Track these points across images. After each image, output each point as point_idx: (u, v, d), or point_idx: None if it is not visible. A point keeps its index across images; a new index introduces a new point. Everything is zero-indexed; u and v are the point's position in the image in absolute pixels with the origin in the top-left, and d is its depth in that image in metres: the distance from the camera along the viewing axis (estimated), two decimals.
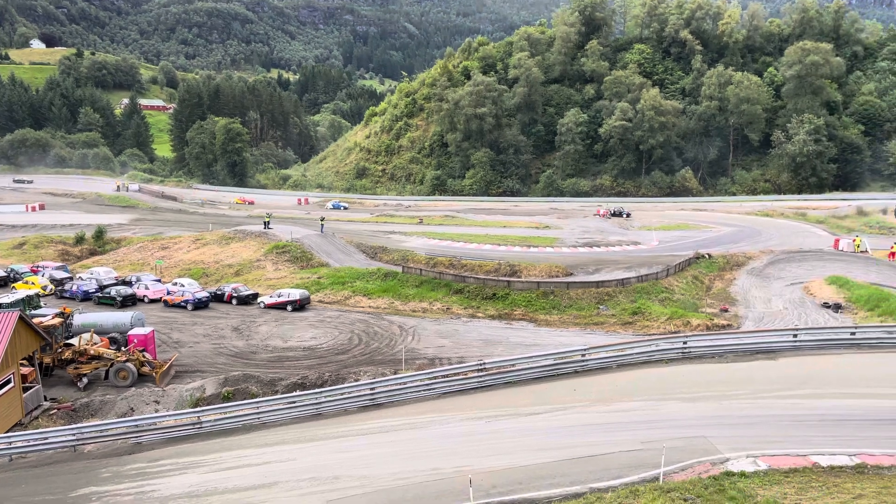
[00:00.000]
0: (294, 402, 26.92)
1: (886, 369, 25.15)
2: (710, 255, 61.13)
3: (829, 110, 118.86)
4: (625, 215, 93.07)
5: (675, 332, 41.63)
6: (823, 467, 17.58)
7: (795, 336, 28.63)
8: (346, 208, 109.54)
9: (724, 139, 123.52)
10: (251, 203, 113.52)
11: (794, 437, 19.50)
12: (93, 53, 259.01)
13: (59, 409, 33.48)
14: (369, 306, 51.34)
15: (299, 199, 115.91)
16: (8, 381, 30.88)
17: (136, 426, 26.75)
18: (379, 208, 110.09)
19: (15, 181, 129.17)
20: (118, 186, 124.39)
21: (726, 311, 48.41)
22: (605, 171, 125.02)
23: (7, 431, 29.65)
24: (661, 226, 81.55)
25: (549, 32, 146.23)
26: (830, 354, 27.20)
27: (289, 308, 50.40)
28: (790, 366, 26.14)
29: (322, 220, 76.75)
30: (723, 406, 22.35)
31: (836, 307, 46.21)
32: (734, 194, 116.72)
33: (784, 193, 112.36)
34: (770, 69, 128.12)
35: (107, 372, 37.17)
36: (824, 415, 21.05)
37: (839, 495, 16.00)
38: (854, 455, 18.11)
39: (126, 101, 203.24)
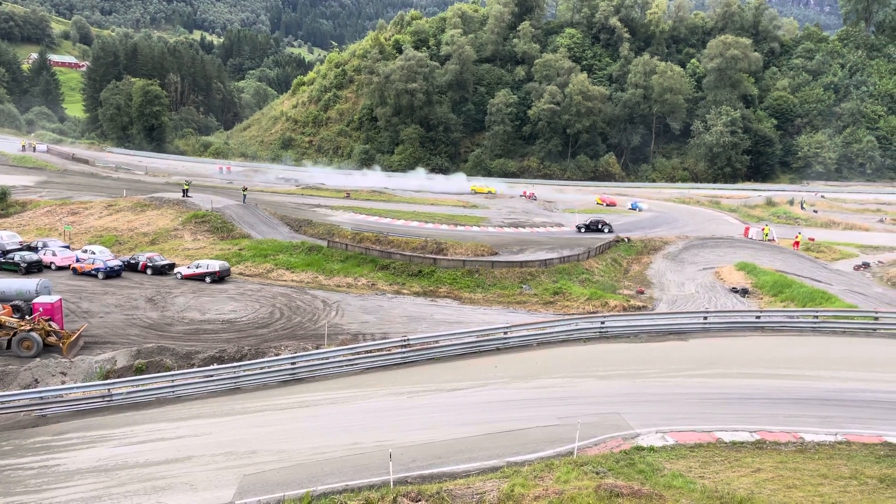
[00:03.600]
0: (211, 376, 26.26)
1: (787, 351, 26.71)
2: (629, 239, 63.10)
3: (746, 103, 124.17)
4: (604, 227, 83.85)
5: (593, 313, 42.90)
6: (726, 443, 18.55)
7: (705, 318, 30.01)
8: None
9: (647, 127, 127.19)
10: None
11: (700, 414, 20.49)
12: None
13: None
14: (292, 280, 50.49)
15: (221, 167, 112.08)
16: None
17: (41, 398, 25.48)
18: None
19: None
20: (24, 146, 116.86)
21: (642, 293, 50.17)
22: (533, 153, 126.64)
23: None
24: (584, 209, 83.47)
25: (483, 11, 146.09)
26: (737, 336, 28.68)
27: (207, 280, 48.96)
28: (700, 347, 27.40)
29: (244, 189, 74.66)
30: (636, 384, 23.22)
31: (744, 292, 48.63)
32: (654, 181, 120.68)
33: (701, 182, 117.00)
34: (693, 60, 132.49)
35: (9, 341, 35.22)
36: (729, 394, 22.19)
37: (739, 469, 16.94)
38: (754, 431, 19.19)
39: (35, 55, 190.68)
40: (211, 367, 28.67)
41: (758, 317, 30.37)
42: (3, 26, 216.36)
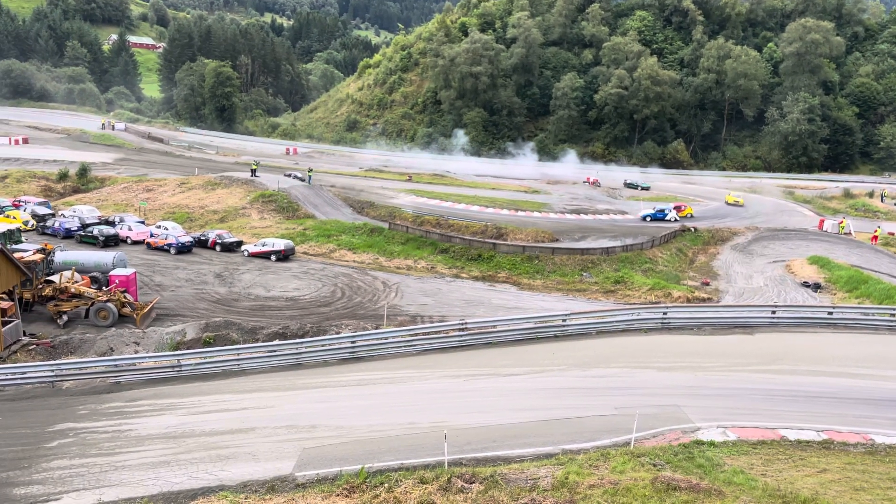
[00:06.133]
0: (274, 351, 27.04)
1: (860, 349, 25.64)
2: (695, 229, 61.49)
3: (825, 90, 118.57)
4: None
5: (656, 303, 42.08)
6: (791, 441, 18.00)
7: (774, 313, 29.07)
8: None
9: (718, 113, 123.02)
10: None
11: (764, 411, 19.93)
12: None
13: (38, 345, 33.43)
14: (354, 261, 51.29)
15: (288, 149, 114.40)
16: None
17: (116, 366, 26.78)
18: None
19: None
20: (104, 124, 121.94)
21: (708, 284, 48.90)
22: (598, 138, 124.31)
23: None
24: (650, 197, 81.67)
25: None
26: (807, 332, 27.68)
27: (273, 258, 50.22)
28: (766, 341, 26.57)
29: (310, 170, 76.06)
30: (697, 377, 22.73)
31: (816, 287, 46.82)
32: (724, 169, 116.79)
33: (774, 171, 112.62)
34: (770, 45, 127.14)
35: (87, 311, 37.06)
36: (796, 391, 21.48)
37: (804, 468, 16.42)
38: (822, 431, 18.55)
39: (115, 37, 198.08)
40: (274, 342, 29.54)
41: (830, 312, 29.22)
42: (86, 8, 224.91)
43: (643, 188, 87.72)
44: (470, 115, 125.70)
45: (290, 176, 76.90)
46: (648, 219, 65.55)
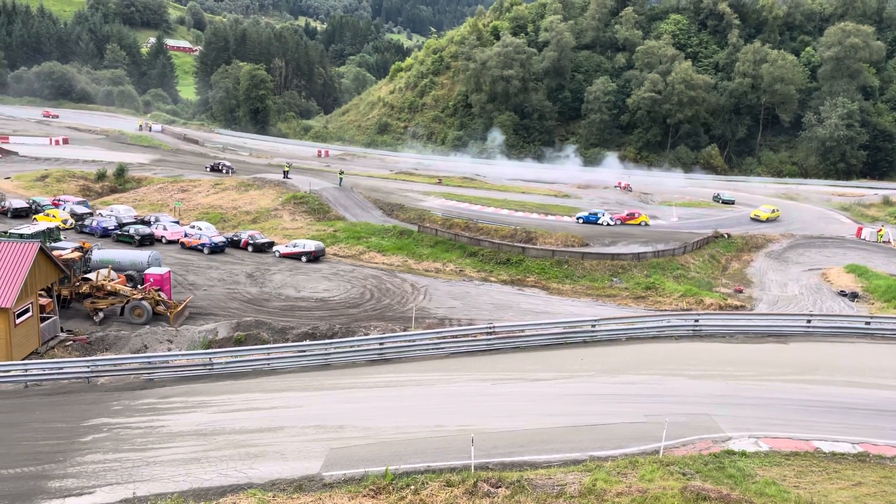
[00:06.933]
0: (304, 351, 27.30)
1: None
2: (729, 235, 60.58)
3: (865, 95, 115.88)
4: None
5: (687, 310, 41.53)
6: (825, 453, 17.62)
7: (809, 322, 28.49)
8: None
9: (753, 118, 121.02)
10: None
11: (798, 422, 19.54)
12: None
13: (74, 341, 34.20)
14: (383, 263, 51.54)
15: (319, 151, 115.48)
16: (27, 311, 31.52)
17: (149, 363, 27.28)
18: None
19: None
20: (141, 126, 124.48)
21: (741, 292, 48.14)
22: (630, 142, 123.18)
23: (24, 359, 30.39)
24: (682, 202, 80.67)
25: None
26: (843, 342, 27.07)
27: (303, 259, 50.69)
28: (801, 351, 26.06)
29: (341, 173, 76.62)
30: (729, 386, 22.37)
31: (853, 296, 45.81)
32: (759, 175, 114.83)
33: (810, 177, 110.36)
34: (808, 49, 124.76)
35: (122, 308, 37.80)
36: (831, 402, 21.02)
37: (839, 481, 16.06)
38: (857, 443, 18.13)
39: (153, 40, 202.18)
40: (304, 342, 29.83)
41: (867, 322, 28.54)
42: (125, 11, 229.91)
43: (725, 201, 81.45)
44: (501, 119, 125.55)
45: (217, 168, 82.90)
46: (581, 220, 65.06)
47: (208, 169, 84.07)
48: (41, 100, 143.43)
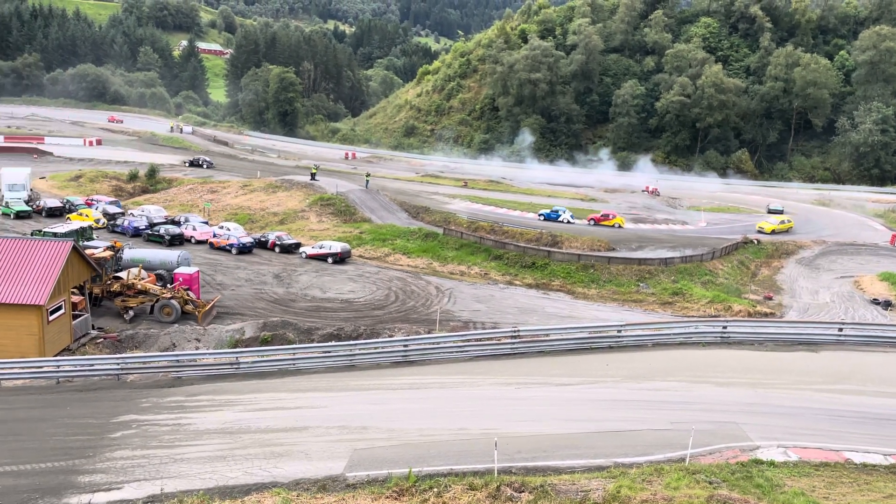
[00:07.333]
0: (329, 352, 27.47)
1: None
2: (758, 241, 59.72)
3: None
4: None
5: (715, 316, 41.01)
6: (856, 464, 17.28)
7: (840, 330, 27.96)
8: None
9: (785, 122, 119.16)
10: None
11: (828, 432, 19.18)
12: None
13: (105, 339, 34.82)
14: (408, 265, 51.68)
15: (346, 154, 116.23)
16: (59, 308, 32.17)
17: (178, 361, 27.68)
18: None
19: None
20: (172, 127, 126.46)
21: (770, 299, 47.41)
22: (658, 146, 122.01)
23: (56, 355, 31.02)
24: (711, 207, 79.71)
25: None
26: (876, 352, 26.51)
27: (329, 260, 51.03)
28: (832, 360, 25.58)
29: (367, 175, 77.03)
30: (758, 394, 22.03)
31: (887, 304, 44.89)
32: (790, 180, 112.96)
33: (843, 183, 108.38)
34: (842, 53, 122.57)
35: (152, 307, 38.40)
36: (863, 412, 20.60)
37: (870, 493, 15.73)
38: (889, 455, 17.74)
39: (185, 43, 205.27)
40: (329, 343, 30.03)
41: None
42: (158, 15, 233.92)
43: (772, 211, 77.54)
44: (527, 122, 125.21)
45: (197, 163, 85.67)
46: (542, 217, 65.70)
47: (187, 164, 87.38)
48: (76, 101, 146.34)
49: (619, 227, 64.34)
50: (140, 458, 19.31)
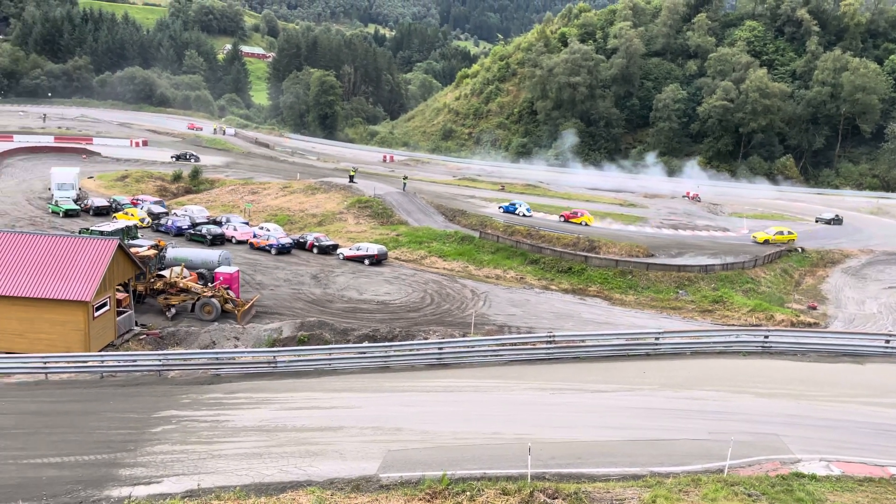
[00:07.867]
0: (364, 353, 27.64)
1: None
2: (803, 249, 58.32)
3: None
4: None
5: (757, 325, 40.17)
6: None
7: (888, 342, 27.08)
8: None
9: (832, 128, 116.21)
10: None
11: (873, 446, 18.60)
12: None
13: (147, 335, 35.61)
14: (444, 268, 51.76)
15: (384, 156, 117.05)
16: (104, 304, 33.02)
17: (217, 358, 28.16)
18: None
19: None
20: (215, 129, 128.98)
21: (814, 308, 46.27)
22: (700, 151, 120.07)
23: (101, 351, 31.84)
24: (754, 214, 78.12)
25: (656, 2, 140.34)
26: None
27: (366, 262, 51.41)
28: (878, 372, 24.82)
29: (405, 178, 77.40)
30: (800, 406, 21.49)
31: None
32: (837, 187, 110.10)
33: (893, 191, 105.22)
34: (892, 57, 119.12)
35: (193, 305, 39.14)
36: None
37: None
38: None
39: (229, 46, 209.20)
40: (364, 344, 30.22)
41: None
42: (204, 19, 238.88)
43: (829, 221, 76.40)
44: (566, 126, 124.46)
45: (184, 156, 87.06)
46: (502, 210, 68.68)
47: (173, 159, 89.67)
48: (123, 103, 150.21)
49: (586, 224, 64.26)
50: (179, 453, 19.68)
